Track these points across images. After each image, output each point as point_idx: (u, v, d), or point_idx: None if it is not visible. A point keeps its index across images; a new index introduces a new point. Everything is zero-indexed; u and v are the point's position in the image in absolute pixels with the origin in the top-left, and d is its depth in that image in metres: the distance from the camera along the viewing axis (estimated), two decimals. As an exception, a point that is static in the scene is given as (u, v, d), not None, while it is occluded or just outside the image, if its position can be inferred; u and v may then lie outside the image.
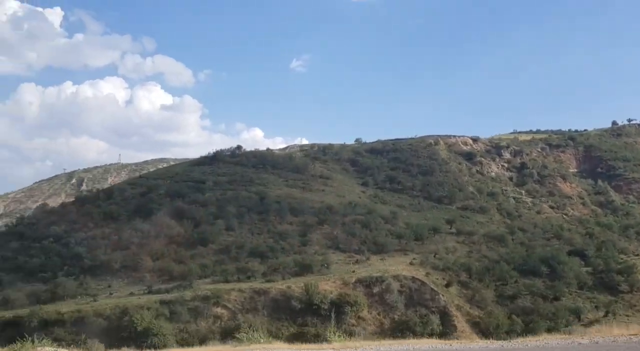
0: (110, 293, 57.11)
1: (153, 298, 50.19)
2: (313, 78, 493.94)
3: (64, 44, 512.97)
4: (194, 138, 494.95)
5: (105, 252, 69.13)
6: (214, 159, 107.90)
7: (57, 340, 46.76)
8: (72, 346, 47.47)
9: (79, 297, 56.19)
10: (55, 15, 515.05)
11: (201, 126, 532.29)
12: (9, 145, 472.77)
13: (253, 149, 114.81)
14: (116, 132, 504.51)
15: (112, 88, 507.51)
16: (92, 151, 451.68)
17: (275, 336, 47.74)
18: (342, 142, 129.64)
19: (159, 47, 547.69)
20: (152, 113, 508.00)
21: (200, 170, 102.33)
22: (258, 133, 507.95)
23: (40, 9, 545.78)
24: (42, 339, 19.32)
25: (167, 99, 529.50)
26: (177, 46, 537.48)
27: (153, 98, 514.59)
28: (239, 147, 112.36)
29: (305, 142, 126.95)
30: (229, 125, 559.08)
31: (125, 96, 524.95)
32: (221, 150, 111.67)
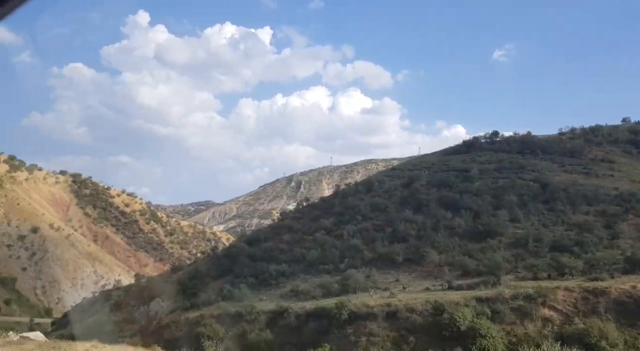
0: (404, 287, 52.72)
1: (467, 295, 44.10)
2: (518, 67, 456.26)
3: (274, 59, 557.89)
4: (395, 139, 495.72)
5: (382, 245, 65.80)
6: (470, 147, 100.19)
7: (372, 335, 43.76)
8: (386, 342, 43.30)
9: (372, 290, 52.77)
10: (265, 34, 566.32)
11: (401, 126, 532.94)
12: (233, 155, 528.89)
13: (512, 134, 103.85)
14: (322, 137, 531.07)
15: (317, 96, 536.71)
16: (301, 156, 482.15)
17: (632, 346, 38.29)
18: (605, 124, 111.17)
19: (357, 53, 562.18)
20: (353, 117, 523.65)
21: (457, 158, 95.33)
22: (460, 130, 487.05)
23: (252, 30, 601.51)
24: None
25: (367, 102, 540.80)
26: (375, 50, 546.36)
27: (354, 103, 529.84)
28: (495, 133, 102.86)
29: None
30: (429, 124, 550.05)
31: (328, 103, 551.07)
32: (477, 136, 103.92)
